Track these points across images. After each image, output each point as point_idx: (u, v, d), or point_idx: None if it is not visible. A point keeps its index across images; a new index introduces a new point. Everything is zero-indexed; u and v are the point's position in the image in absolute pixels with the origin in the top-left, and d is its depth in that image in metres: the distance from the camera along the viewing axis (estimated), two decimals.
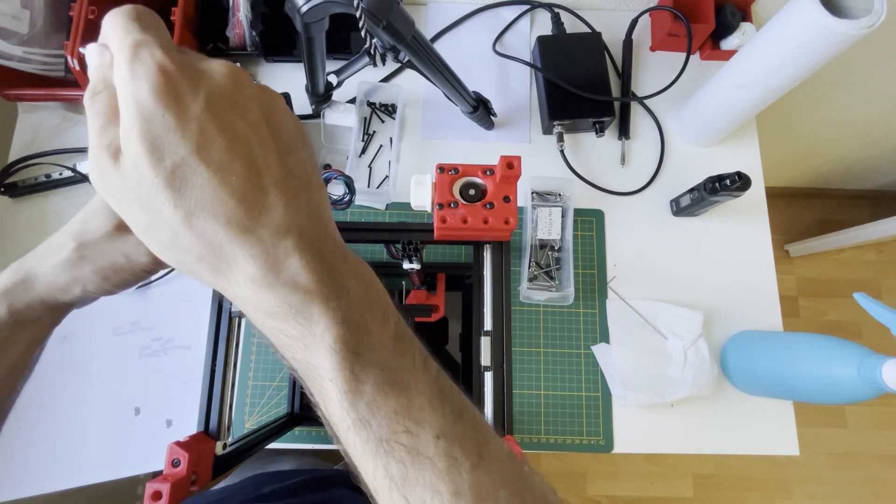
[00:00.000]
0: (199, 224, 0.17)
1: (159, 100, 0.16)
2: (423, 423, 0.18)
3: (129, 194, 0.17)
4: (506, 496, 0.18)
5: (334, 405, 0.18)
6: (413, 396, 0.19)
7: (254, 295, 0.18)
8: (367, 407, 0.18)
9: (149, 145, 0.16)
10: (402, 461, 0.18)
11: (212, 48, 0.65)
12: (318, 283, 0.18)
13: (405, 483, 0.18)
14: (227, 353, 0.35)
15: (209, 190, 0.17)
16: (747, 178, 0.54)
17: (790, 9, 0.47)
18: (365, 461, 0.18)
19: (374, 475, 0.18)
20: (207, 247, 0.17)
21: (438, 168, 0.35)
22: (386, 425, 0.18)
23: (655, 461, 1.30)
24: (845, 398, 0.46)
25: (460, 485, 0.18)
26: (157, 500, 0.28)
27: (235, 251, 0.17)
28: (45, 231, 0.63)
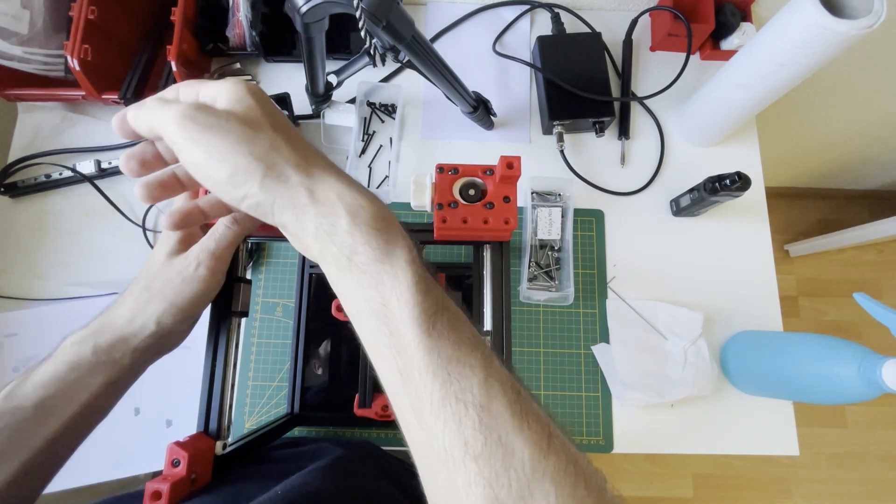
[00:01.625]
0: (296, 144, 0.25)
1: (261, 92, 0.26)
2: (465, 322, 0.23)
3: (235, 121, 0.23)
4: (525, 390, 0.22)
5: (404, 291, 0.22)
6: (455, 307, 0.24)
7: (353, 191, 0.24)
8: (432, 299, 0.22)
9: (260, 104, 0.25)
10: (451, 343, 0.21)
11: (212, 48, 0.65)
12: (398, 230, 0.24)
13: (450, 360, 0.21)
14: (227, 353, 0.35)
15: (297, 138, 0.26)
16: (747, 178, 0.54)
17: (790, 9, 0.47)
18: (420, 342, 0.21)
19: (424, 355, 0.21)
20: (303, 157, 0.24)
21: (438, 168, 0.35)
22: (442, 315, 0.22)
23: (655, 461, 1.30)
24: (845, 398, 0.46)
25: (491, 369, 0.21)
26: (157, 500, 0.28)
27: (326, 165, 0.25)
28: (45, 231, 0.63)
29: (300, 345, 0.56)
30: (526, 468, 0.18)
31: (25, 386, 0.29)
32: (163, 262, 0.31)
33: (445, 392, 0.20)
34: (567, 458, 0.19)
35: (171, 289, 0.30)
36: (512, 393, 0.21)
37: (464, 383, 0.20)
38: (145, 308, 0.31)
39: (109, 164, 0.63)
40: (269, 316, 0.61)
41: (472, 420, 0.19)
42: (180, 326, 0.32)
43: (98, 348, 0.30)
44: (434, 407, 0.20)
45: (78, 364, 0.30)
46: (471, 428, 0.19)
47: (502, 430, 0.19)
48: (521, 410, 0.20)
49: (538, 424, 0.20)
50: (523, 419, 0.20)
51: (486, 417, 0.19)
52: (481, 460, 0.19)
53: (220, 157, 0.23)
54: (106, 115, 0.66)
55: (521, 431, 0.19)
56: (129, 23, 0.63)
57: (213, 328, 0.35)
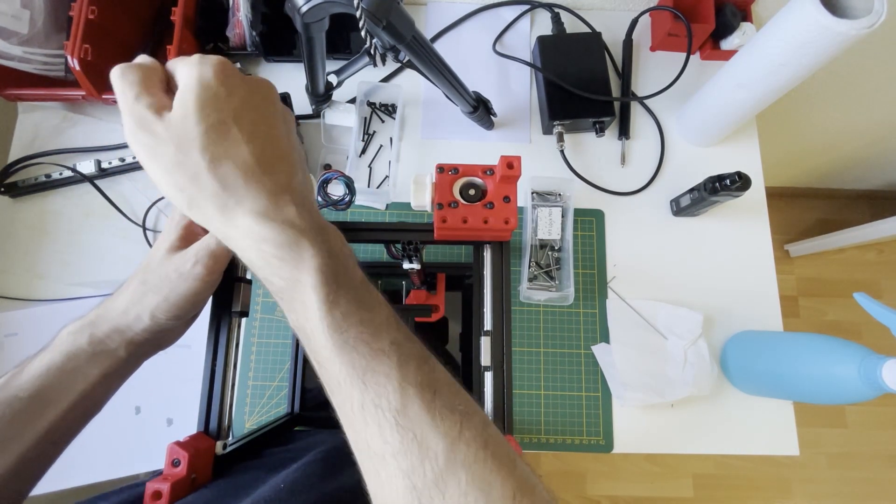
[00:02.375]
0: (221, 167, 0.23)
1: (216, 77, 0.24)
2: (382, 332, 0.24)
3: (168, 141, 0.23)
4: (443, 388, 0.23)
5: (313, 313, 0.23)
6: (376, 314, 0.24)
7: (257, 225, 0.23)
8: (340, 315, 0.23)
9: (200, 106, 0.23)
10: (363, 355, 0.23)
11: (212, 48, 0.65)
12: (308, 226, 0.24)
13: (365, 372, 0.22)
14: (227, 352, 0.35)
15: (236, 145, 0.24)
16: (747, 178, 0.54)
17: (790, 9, 0.47)
18: (333, 358, 0.23)
19: (339, 369, 0.23)
20: (222, 186, 0.24)
21: (438, 168, 0.35)
22: (353, 329, 0.23)
23: (655, 461, 1.30)
24: (845, 398, 0.46)
25: (407, 374, 0.23)
26: (157, 499, 0.28)
27: (246, 191, 0.24)
28: (46, 231, 0.63)
29: (300, 345, 0.56)
30: (440, 459, 0.21)
31: (22, 376, 0.29)
32: (162, 257, 0.31)
33: (364, 400, 0.22)
34: (478, 445, 0.22)
35: (167, 284, 0.30)
36: (427, 393, 0.23)
37: (379, 390, 0.22)
38: (140, 301, 0.31)
39: (109, 164, 0.63)
40: (269, 316, 0.61)
41: (390, 423, 0.22)
42: (174, 322, 0.32)
43: (94, 338, 0.30)
44: (356, 413, 0.22)
45: (75, 354, 0.30)
46: (388, 429, 0.21)
47: (417, 429, 0.21)
48: (436, 409, 0.22)
49: (451, 419, 0.22)
50: (436, 417, 0.22)
51: (401, 419, 0.22)
52: (399, 456, 0.21)
53: (157, 180, 0.24)
54: (106, 115, 0.67)
55: (435, 427, 0.21)
56: (129, 23, 0.63)
57: (214, 328, 0.35)
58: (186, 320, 0.34)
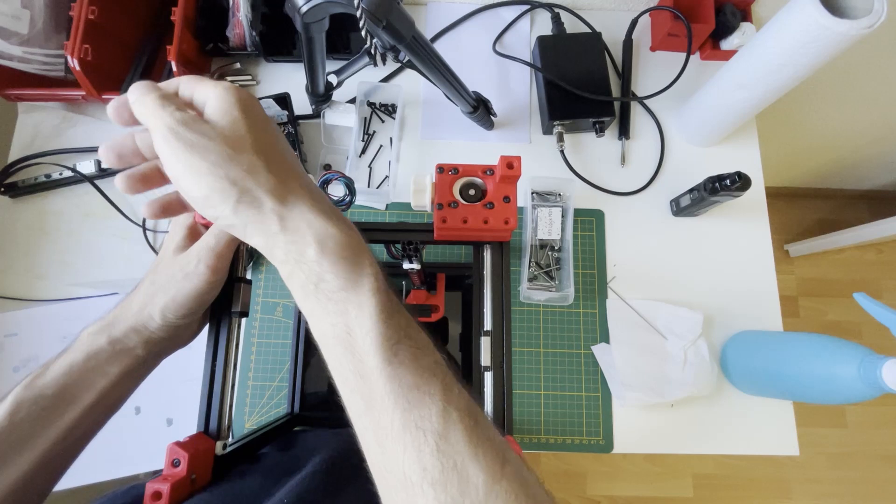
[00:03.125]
0: (274, 166, 0.25)
1: (250, 99, 0.26)
2: (427, 350, 0.24)
3: (218, 140, 0.24)
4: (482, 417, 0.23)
5: (367, 318, 0.23)
6: (421, 332, 0.25)
7: (322, 221, 0.24)
8: (395, 325, 0.23)
9: (246, 118, 0.25)
10: (412, 372, 0.22)
11: (212, 48, 0.65)
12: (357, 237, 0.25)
13: (410, 388, 0.22)
14: (227, 353, 0.35)
15: (277, 153, 0.26)
16: (747, 178, 0.54)
17: (790, 9, 0.47)
18: (381, 369, 0.22)
19: (385, 383, 0.22)
20: (280, 181, 0.24)
21: (438, 168, 0.35)
22: (404, 342, 0.23)
23: (655, 461, 1.30)
24: (845, 398, 0.46)
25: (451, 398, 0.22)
26: (157, 500, 0.28)
27: (302, 191, 0.25)
28: (45, 231, 0.63)
29: (300, 345, 0.56)
30: (479, 493, 0.20)
31: (45, 376, 0.30)
32: (169, 257, 0.32)
33: (405, 419, 0.21)
34: (519, 483, 0.20)
35: (174, 284, 0.31)
36: (469, 420, 0.22)
37: (423, 411, 0.21)
38: (151, 300, 0.31)
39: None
40: (269, 316, 0.61)
41: (431, 447, 0.20)
42: (184, 321, 0.32)
43: (113, 338, 0.31)
44: (395, 433, 0.21)
45: (95, 353, 0.31)
46: (429, 455, 0.20)
47: (458, 457, 0.20)
48: (478, 438, 0.21)
49: (493, 451, 0.21)
50: (478, 447, 0.21)
51: (443, 445, 0.20)
52: (438, 486, 0.20)
53: (197, 176, 0.23)
54: (106, 115, 0.66)
55: (476, 458, 0.20)
56: (129, 23, 0.63)
57: (213, 328, 0.35)
58: (199, 318, 0.35)
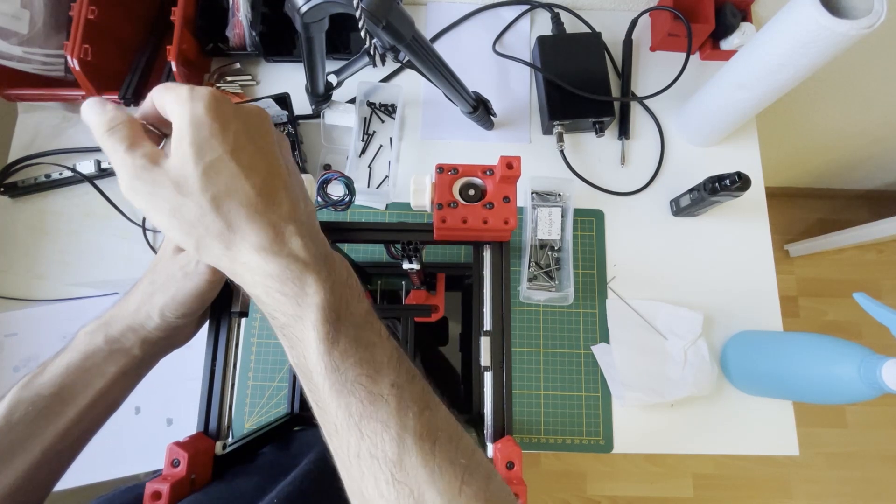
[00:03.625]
0: (223, 205, 0.23)
1: (209, 113, 0.22)
2: (381, 374, 0.23)
3: (168, 186, 0.22)
4: (443, 438, 0.22)
5: (312, 352, 0.22)
6: (376, 354, 0.24)
7: (262, 261, 0.23)
8: (339, 355, 0.22)
9: (196, 147, 0.22)
10: (361, 400, 0.22)
11: (212, 48, 0.65)
12: (313, 258, 0.24)
13: (361, 418, 0.22)
14: (226, 353, 0.35)
15: (236, 181, 0.23)
16: (747, 178, 0.54)
17: (790, 9, 0.47)
18: (330, 401, 0.22)
19: (336, 413, 0.22)
20: (225, 223, 0.23)
21: (438, 168, 0.35)
22: (352, 370, 0.22)
23: (655, 461, 1.30)
24: (845, 398, 0.46)
25: (406, 422, 0.22)
26: (157, 500, 0.28)
27: (250, 227, 0.23)
28: (45, 231, 0.63)
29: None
30: None
31: (43, 376, 0.30)
32: (169, 256, 0.32)
33: (360, 448, 0.21)
34: (477, 492, 0.21)
35: (173, 283, 0.31)
36: (427, 443, 0.22)
37: (376, 440, 0.21)
38: (150, 300, 0.31)
39: (109, 164, 0.63)
40: None
41: (386, 475, 0.21)
42: (183, 321, 0.32)
43: (110, 337, 0.31)
44: (352, 460, 0.21)
45: (92, 353, 0.31)
46: (384, 482, 0.21)
47: (414, 484, 0.20)
48: (434, 461, 0.21)
49: (451, 473, 0.21)
50: (434, 471, 0.21)
51: (398, 473, 0.21)
52: None
53: (163, 228, 0.24)
54: None
55: (433, 483, 0.21)
56: (129, 23, 0.63)
57: (213, 328, 0.35)
58: (197, 318, 0.35)
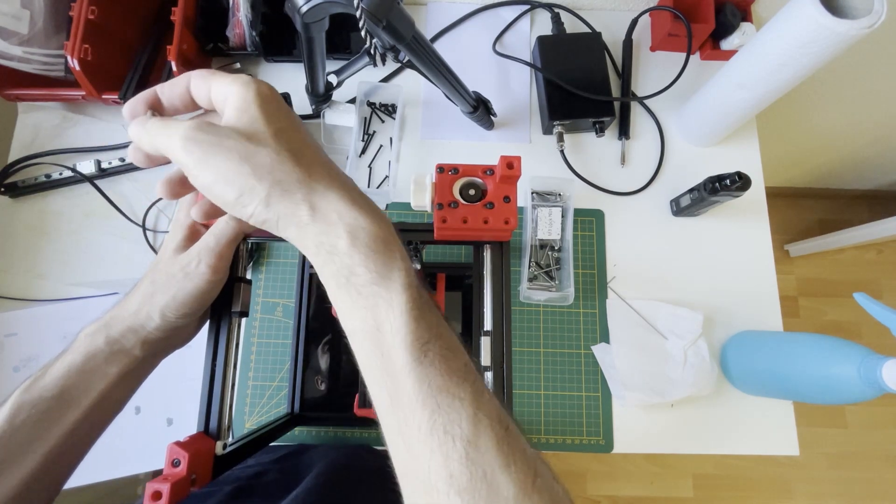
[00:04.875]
0: (302, 158, 0.24)
1: (272, 93, 0.25)
2: (459, 352, 0.23)
3: (236, 137, 0.23)
4: (514, 428, 0.22)
5: (398, 315, 0.22)
6: (450, 332, 0.24)
7: (353, 212, 0.23)
8: (426, 325, 0.22)
9: (266, 114, 0.24)
10: (442, 373, 0.21)
11: (212, 48, 0.65)
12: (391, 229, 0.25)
13: (440, 391, 0.21)
14: (227, 353, 0.35)
15: (305, 147, 0.25)
16: (747, 178, 0.54)
17: (790, 9, 0.47)
18: (409, 371, 0.21)
19: (413, 385, 0.21)
20: (307, 172, 0.24)
21: (438, 168, 0.35)
22: (436, 342, 0.22)
23: (655, 461, 1.30)
24: (845, 398, 0.46)
25: (482, 404, 0.21)
26: (157, 500, 0.28)
27: (331, 180, 0.24)
28: (45, 231, 0.63)
29: (300, 345, 0.56)
30: None
31: (44, 378, 0.30)
32: (169, 257, 0.32)
33: (434, 422, 0.20)
34: (550, 498, 0.20)
35: (174, 283, 0.31)
36: (500, 429, 0.21)
37: (452, 416, 0.20)
38: (150, 300, 0.31)
39: (109, 164, 0.63)
40: (269, 316, 0.61)
41: (459, 454, 0.19)
42: (184, 321, 0.32)
43: (110, 338, 0.31)
44: (422, 435, 0.20)
45: (93, 354, 0.31)
46: (457, 461, 0.19)
47: (488, 467, 0.19)
48: (509, 448, 0.20)
49: (524, 463, 0.20)
50: (510, 457, 0.20)
51: (472, 452, 0.19)
52: (465, 495, 0.19)
53: (225, 179, 0.23)
54: (106, 115, 0.67)
55: (507, 470, 0.19)
56: (129, 23, 0.63)
57: (213, 328, 0.35)
58: (197, 318, 0.35)
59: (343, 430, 0.57)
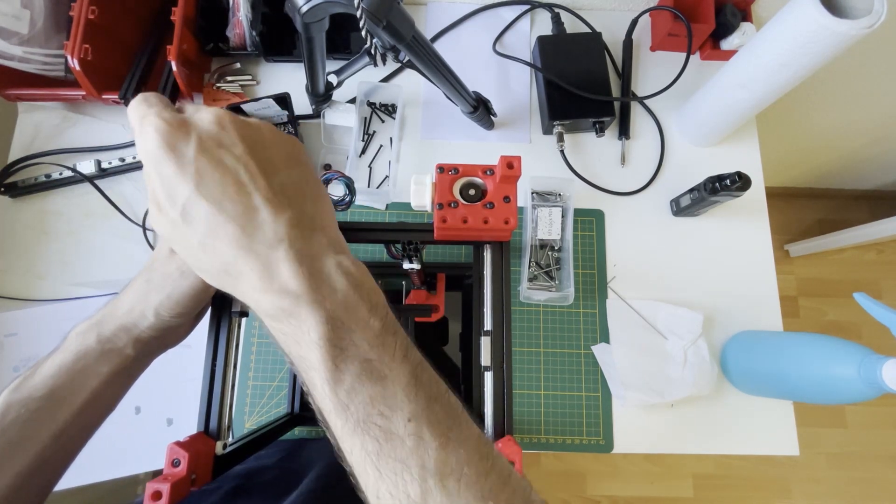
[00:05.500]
0: (211, 247, 0.21)
1: (160, 150, 0.21)
2: (395, 408, 0.21)
3: (170, 233, 0.22)
4: (469, 473, 0.20)
5: (319, 392, 0.21)
6: (388, 385, 0.21)
7: (256, 301, 0.21)
8: (346, 393, 0.20)
9: (166, 193, 0.21)
10: (376, 439, 0.20)
11: (212, 48, 0.65)
12: (306, 287, 0.21)
13: (378, 457, 0.20)
14: (227, 353, 0.35)
15: (211, 220, 0.21)
16: (747, 178, 0.54)
17: (790, 9, 0.47)
18: (345, 439, 0.21)
19: (351, 451, 0.21)
20: (222, 264, 0.21)
21: (438, 168, 0.35)
22: (363, 409, 0.20)
23: (655, 461, 1.30)
24: (845, 398, 0.46)
25: (427, 460, 0.20)
26: (157, 500, 0.28)
27: (241, 266, 0.21)
28: (45, 231, 0.63)
29: None
30: None
31: (34, 378, 0.29)
32: (166, 255, 0.32)
33: (379, 487, 0.20)
34: None
35: (170, 282, 0.31)
36: (450, 481, 0.20)
37: (395, 479, 0.20)
38: (144, 299, 0.31)
39: (109, 164, 0.63)
40: None
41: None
42: (179, 320, 0.32)
43: (102, 337, 0.31)
44: (372, 495, 0.20)
45: (84, 353, 0.30)
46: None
47: None
48: (461, 500, 0.20)
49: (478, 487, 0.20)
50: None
51: None
52: None
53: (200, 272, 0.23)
54: (106, 115, 0.67)
55: None
56: (129, 23, 0.63)
57: (213, 328, 0.35)
58: (192, 318, 0.34)
59: None
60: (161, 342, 0.33)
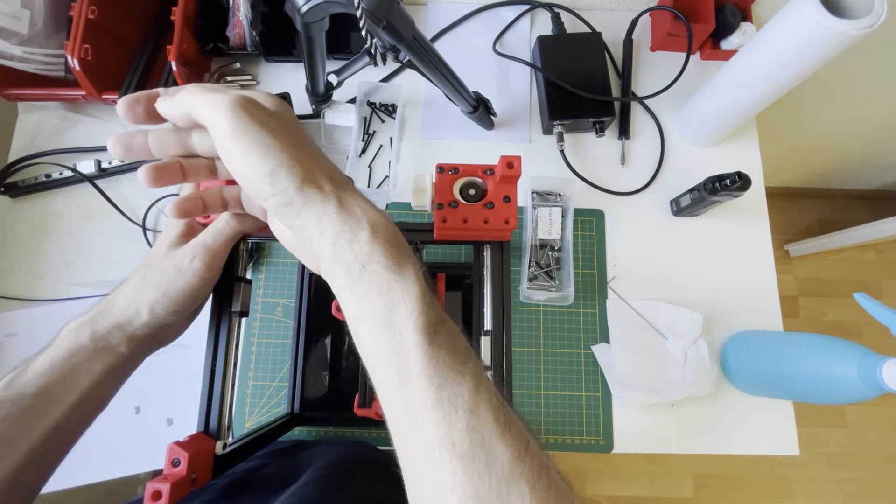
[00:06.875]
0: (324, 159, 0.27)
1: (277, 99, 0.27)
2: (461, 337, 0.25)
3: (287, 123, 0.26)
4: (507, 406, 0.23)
5: (412, 301, 0.23)
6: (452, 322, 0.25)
7: (372, 209, 0.26)
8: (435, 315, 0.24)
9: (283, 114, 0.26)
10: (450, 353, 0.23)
11: (212, 48, 0.65)
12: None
13: (448, 368, 0.22)
14: (227, 352, 0.35)
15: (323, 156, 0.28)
16: (747, 177, 0.54)
17: (790, 9, 0.47)
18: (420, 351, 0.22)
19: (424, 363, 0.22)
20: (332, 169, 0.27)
21: (438, 168, 0.35)
22: (443, 326, 0.24)
23: (655, 461, 1.30)
24: (845, 398, 0.46)
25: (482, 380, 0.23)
26: (157, 499, 0.28)
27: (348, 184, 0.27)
28: (45, 231, 0.63)
29: (300, 345, 0.56)
30: (505, 470, 0.20)
31: (25, 374, 0.29)
32: (163, 253, 0.32)
33: (439, 395, 0.22)
34: (540, 465, 0.21)
35: (166, 280, 0.31)
36: (496, 402, 0.22)
37: (456, 389, 0.22)
38: (140, 296, 0.31)
39: (109, 163, 0.63)
40: (269, 316, 0.61)
41: (461, 423, 0.21)
42: (174, 318, 0.32)
43: (95, 335, 0.30)
44: (427, 408, 0.22)
45: (77, 350, 0.30)
46: (459, 430, 0.21)
47: (487, 435, 0.21)
48: (504, 419, 0.22)
49: (517, 432, 0.22)
50: (505, 426, 0.22)
51: (473, 421, 0.21)
52: (466, 460, 0.20)
53: (265, 151, 0.24)
54: (106, 115, 0.67)
55: (503, 437, 0.21)
56: (129, 23, 0.63)
57: (213, 328, 0.35)
58: (186, 317, 0.34)
59: (343, 430, 0.57)
60: (155, 340, 0.33)
